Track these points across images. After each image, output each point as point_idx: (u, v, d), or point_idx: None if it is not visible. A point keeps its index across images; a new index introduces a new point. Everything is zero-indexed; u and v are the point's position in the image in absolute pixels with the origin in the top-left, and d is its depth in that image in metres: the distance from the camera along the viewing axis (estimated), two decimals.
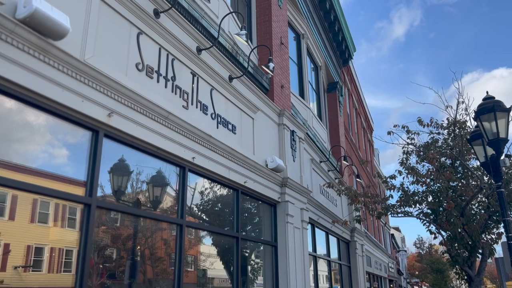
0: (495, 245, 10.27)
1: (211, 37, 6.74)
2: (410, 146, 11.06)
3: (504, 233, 6.72)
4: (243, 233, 7.20)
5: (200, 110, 6.16)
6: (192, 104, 5.95)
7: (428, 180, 10.21)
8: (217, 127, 6.53)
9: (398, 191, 10.68)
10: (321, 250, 11.53)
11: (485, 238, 10.08)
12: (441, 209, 10.14)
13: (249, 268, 7.55)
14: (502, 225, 9.38)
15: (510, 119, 6.54)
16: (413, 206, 10.56)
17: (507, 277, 11.68)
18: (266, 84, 8.86)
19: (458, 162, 10.32)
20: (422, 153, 10.69)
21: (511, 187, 9.64)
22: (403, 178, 10.59)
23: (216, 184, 6.66)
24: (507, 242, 6.51)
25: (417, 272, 49.02)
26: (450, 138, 10.85)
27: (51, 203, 3.87)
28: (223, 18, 6.79)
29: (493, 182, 7.30)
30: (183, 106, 5.73)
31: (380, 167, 34.89)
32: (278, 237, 8.11)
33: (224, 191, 6.93)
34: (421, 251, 51.48)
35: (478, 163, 8.27)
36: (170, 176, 5.57)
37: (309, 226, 9.75)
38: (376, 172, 23.14)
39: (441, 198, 10.16)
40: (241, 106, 7.39)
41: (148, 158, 5.14)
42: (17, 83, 3.47)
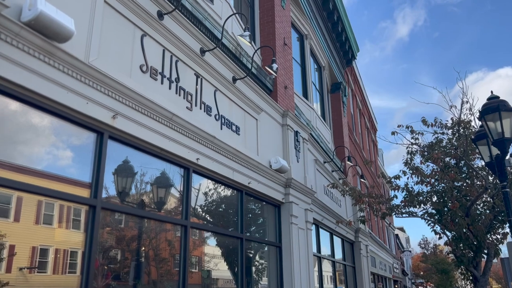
0: (500, 245, 10.20)
1: (214, 38, 6.75)
2: (414, 146, 11.03)
3: (510, 233, 6.70)
4: (247, 234, 7.20)
5: (204, 111, 6.17)
6: (196, 105, 5.97)
7: (433, 180, 10.18)
8: (221, 128, 6.54)
9: (402, 191, 10.65)
10: (325, 250, 11.52)
11: (490, 238, 10.03)
12: (446, 209, 10.10)
13: (253, 269, 7.55)
14: (508, 225, 9.33)
15: None
16: (417, 206, 10.52)
17: None
18: (269, 85, 8.86)
19: (462, 162, 10.28)
20: (426, 153, 10.65)
21: None
22: (408, 178, 10.56)
23: (220, 185, 6.67)
24: None
25: (422, 273, 48.86)
26: (454, 138, 10.81)
27: (55, 205, 3.89)
28: (226, 19, 6.80)
29: (498, 182, 7.27)
30: (187, 107, 5.74)
31: (384, 167, 34.80)
32: (283, 238, 8.11)
33: (228, 192, 6.93)
34: (426, 252, 51.33)
35: (483, 163, 8.23)
36: (174, 177, 5.58)
37: (313, 227, 9.74)
38: (380, 172, 23.10)
39: (445, 198, 10.12)
40: (244, 107, 7.40)
41: (152, 160, 5.16)
42: (22, 85, 3.49)
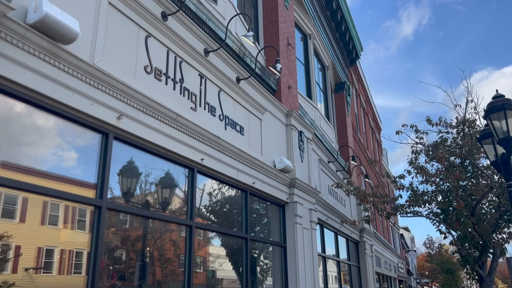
0: (506, 245, 10.17)
1: (218, 39, 6.76)
2: (419, 145, 11.01)
3: None
4: (252, 234, 7.21)
5: (208, 111, 6.18)
6: (200, 105, 5.98)
7: (438, 180, 10.15)
8: (225, 129, 6.55)
9: (407, 191, 10.63)
10: (330, 250, 11.51)
11: (496, 238, 9.99)
12: (451, 208, 10.07)
13: (258, 269, 7.56)
14: None
15: None
16: (422, 206, 10.50)
17: None
18: (273, 85, 8.86)
19: (468, 161, 10.25)
20: (431, 152, 10.63)
21: None
22: (412, 177, 10.58)
23: (225, 185, 6.68)
24: None
25: (427, 272, 48.69)
26: (459, 137, 10.78)
27: (60, 205, 3.91)
28: (230, 20, 6.81)
29: (504, 181, 7.24)
30: (191, 108, 5.75)
31: (389, 167, 34.72)
32: (287, 237, 8.11)
33: (232, 192, 6.94)
34: (431, 251, 51.14)
35: (488, 162, 8.19)
36: (179, 177, 5.60)
37: (318, 227, 9.73)
38: (385, 172, 23.04)
39: (451, 198, 10.09)
40: (248, 107, 7.40)
41: (157, 160, 5.17)
42: (28, 87, 3.51)
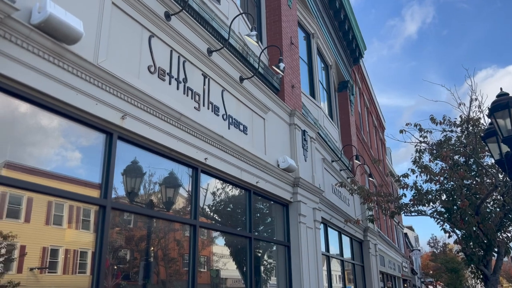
0: (511, 244, 10.13)
1: (221, 38, 6.76)
2: (423, 144, 10.98)
3: None
4: (256, 233, 7.21)
5: (212, 111, 6.19)
6: (203, 105, 5.99)
7: (442, 179, 10.12)
8: (229, 128, 6.56)
9: (411, 190, 10.61)
10: (334, 250, 11.50)
11: (500, 237, 9.95)
12: (455, 207, 10.04)
13: (262, 268, 7.56)
14: None
15: None
16: (426, 205, 10.47)
17: None
18: (276, 84, 8.86)
19: (472, 160, 10.21)
20: (435, 151, 10.60)
21: None
22: (416, 176, 10.52)
23: (228, 184, 6.68)
24: None
25: (431, 272, 48.51)
26: (463, 135, 10.74)
27: (65, 205, 3.92)
28: (233, 19, 6.81)
29: (508, 179, 7.21)
30: (194, 107, 5.76)
31: (393, 166, 34.63)
32: (291, 237, 8.11)
33: (236, 192, 6.95)
34: (435, 250, 50.95)
35: (493, 160, 8.16)
36: (183, 177, 5.61)
37: (321, 226, 9.72)
38: (389, 171, 22.98)
39: (455, 197, 10.06)
40: (252, 107, 7.41)
41: (161, 160, 5.18)
42: (32, 87, 3.53)
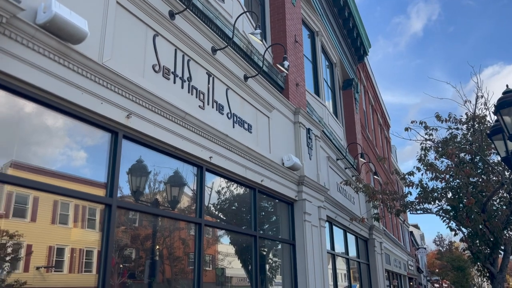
0: None
1: (225, 37, 6.76)
2: (429, 142, 10.94)
3: None
4: (261, 231, 7.21)
5: (216, 110, 6.19)
6: (208, 104, 5.99)
7: (448, 176, 10.08)
8: (233, 127, 6.56)
9: (416, 188, 10.58)
10: (339, 248, 11.48)
11: (507, 234, 9.91)
12: (461, 205, 10.00)
13: (267, 266, 7.56)
14: None
15: None
16: (432, 203, 10.44)
17: None
18: (281, 83, 8.85)
19: (478, 157, 10.16)
20: (440, 149, 10.55)
21: None
22: (422, 174, 10.50)
23: (233, 183, 6.69)
24: None
25: (437, 270, 48.32)
26: (469, 133, 10.69)
27: (70, 205, 3.94)
28: (237, 18, 6.81)
29: None
30: (199, 106, 5.77)
31: (398, 164, 34.52)
32: (296, 235, 8.10)
33: (241, 190, 6.95)
34: (441, 249, 50.75)
35: (499, 158, 8.11)
36: (188, 175, 5.62)
37: (326, 224, 9.71)
38: (394, 169, 22.90)
39: (461, 194, 10.02)
40: (256, 105, 7.40)
41: (166, 158, 5.20)
42: (38, 86, 3.55)
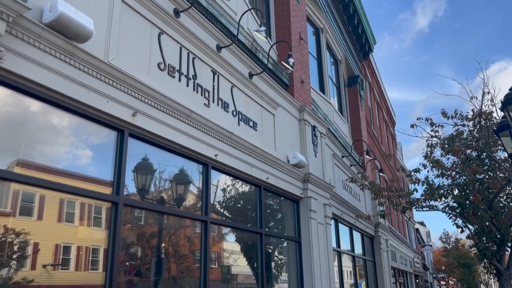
0: None
1: (230, 34, 6.76)
2: (434, 139, 10.89)
3: None
4: (266, 229, 7.22)
5: (221, 107, 6.20)
6: (213, 102, 6.00)
7: (454, 173, 10.04)
8: (239, 124, 6.57)
9: (422, 185, 10.54)
10: (345, 245, 11.47)
11: None
12: (467, 202, 9.96)
13: (273, 264, 7.57)
14: None
15: None
16: (438, 200, 10.40)
17: None
18: (286, 80, 8.83)
19: (484, 154, 10.11)
20: (447, 145, 10.50)
21: None
22: (428, 171, 10.45)
23: (239, 180, 6.69)
24: None
25: (443, 267, 48.15)
26: (475, 129, 10.63)
27: (76, 203, 3.96)
28: (242, 15, 6.80)
29: None
30: (204, 104, 5.78)
31: (404, 161, 34.40)
32: (302, 232, 8.11)
33: (246, 188, 6.96)
34: (447, 246, 50.57)
35: (506, 154, 8.06)
36: (193, 173, 5.63)
37: (332, 222, 9.70)
38: (400, 166, 22.82)
39: (467, 191, 9.98)
40: (261, 103, 7.40)
41: (171, 156, 5.21)
42: (44, 85, 3.57)
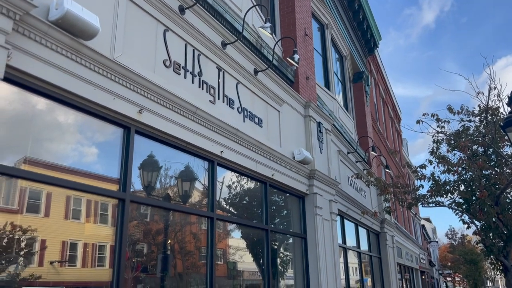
0: None
1: (235, 31, 6.75)
2: (440, 134, 10.84)
3: None
4: (272, 225, 7.23)
5: (227, 104, 6.20)
6: (218, 98, 6.00)
7: (460, 169, 9.99)
8: (244, 121, 6.57)
9: (428, 181, 10.50)
10: (350, 241, 11.47)
11: None
12: (474, 198, 9.92)
13: (278, 260, 7.58)
14: None
15: None
16: (444, 196, 10.36)
17: None
18: (291, 76, 8.82)
19: (491, 149, 10.05)
20: (453, 141, 10.45)
21: None
22: (434, 167, 10.43)
23: (244, 177, 6.71)
24: None
25: (449, 263, 48.03)
26: (482, 125, 10.57)
27: (83, 200, 3.98)
28: (246, 12, 6.78)
29: None
30: (210, 101, 5.78)
31: (410, 157, 34.28)
32: (307, 229, 8.11)
33: (252, 184, 6.97)
34: (453, 242, 50.41)
35: None
36: (199, 170, 5.65)
37: (338, 218, 9.70)
38: (405, 162, 22.74)
39: (473, 187, 9.93)
40: (266, 99, 7.40)
41: (177, 153, 5.23)
42: (51, 82, 3.59)
